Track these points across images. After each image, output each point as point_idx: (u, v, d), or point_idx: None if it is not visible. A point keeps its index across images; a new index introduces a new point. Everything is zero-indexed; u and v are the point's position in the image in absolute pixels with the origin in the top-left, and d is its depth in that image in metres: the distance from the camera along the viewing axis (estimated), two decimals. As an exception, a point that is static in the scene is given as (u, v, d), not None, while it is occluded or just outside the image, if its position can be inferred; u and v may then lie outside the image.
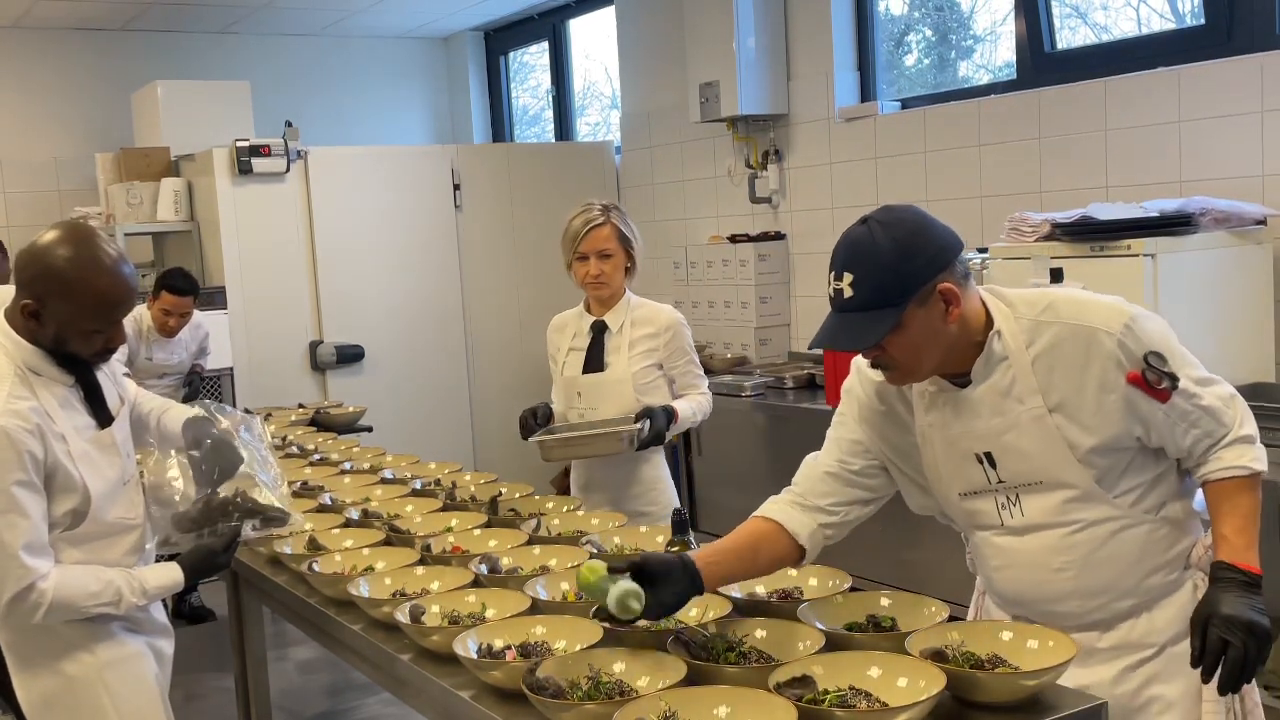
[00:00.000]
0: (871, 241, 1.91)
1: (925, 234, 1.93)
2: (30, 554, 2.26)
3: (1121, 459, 1.99)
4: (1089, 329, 1.94)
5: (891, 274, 1.89)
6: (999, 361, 1.99)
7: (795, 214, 5.97)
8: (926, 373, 2.01)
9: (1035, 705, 1.83)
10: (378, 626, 2.41)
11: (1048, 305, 1.99)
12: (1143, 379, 1.93)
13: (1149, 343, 1.94)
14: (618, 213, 3.45)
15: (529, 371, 7.26)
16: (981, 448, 2.03)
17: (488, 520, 2.98)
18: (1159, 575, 2.04)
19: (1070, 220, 3.88)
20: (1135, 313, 1.97)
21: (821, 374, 5.17)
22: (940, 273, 1.91)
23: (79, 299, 2.28)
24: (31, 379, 2.32)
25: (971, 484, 2.07)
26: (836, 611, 2.14)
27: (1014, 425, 1.99)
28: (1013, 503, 2.04)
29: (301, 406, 5.53)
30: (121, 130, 7.41)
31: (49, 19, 7.28)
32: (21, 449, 2.23)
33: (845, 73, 5.71)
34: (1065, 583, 2.03)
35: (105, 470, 2.40)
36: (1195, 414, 1.96)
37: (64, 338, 2.32)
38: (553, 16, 8.04)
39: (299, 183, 6.60)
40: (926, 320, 1.91)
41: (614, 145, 7.45)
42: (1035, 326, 1.98)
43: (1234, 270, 3.89)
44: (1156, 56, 4.43)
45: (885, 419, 2.15)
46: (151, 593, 2.45)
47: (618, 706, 1.76)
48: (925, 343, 1.94)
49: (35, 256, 2.30)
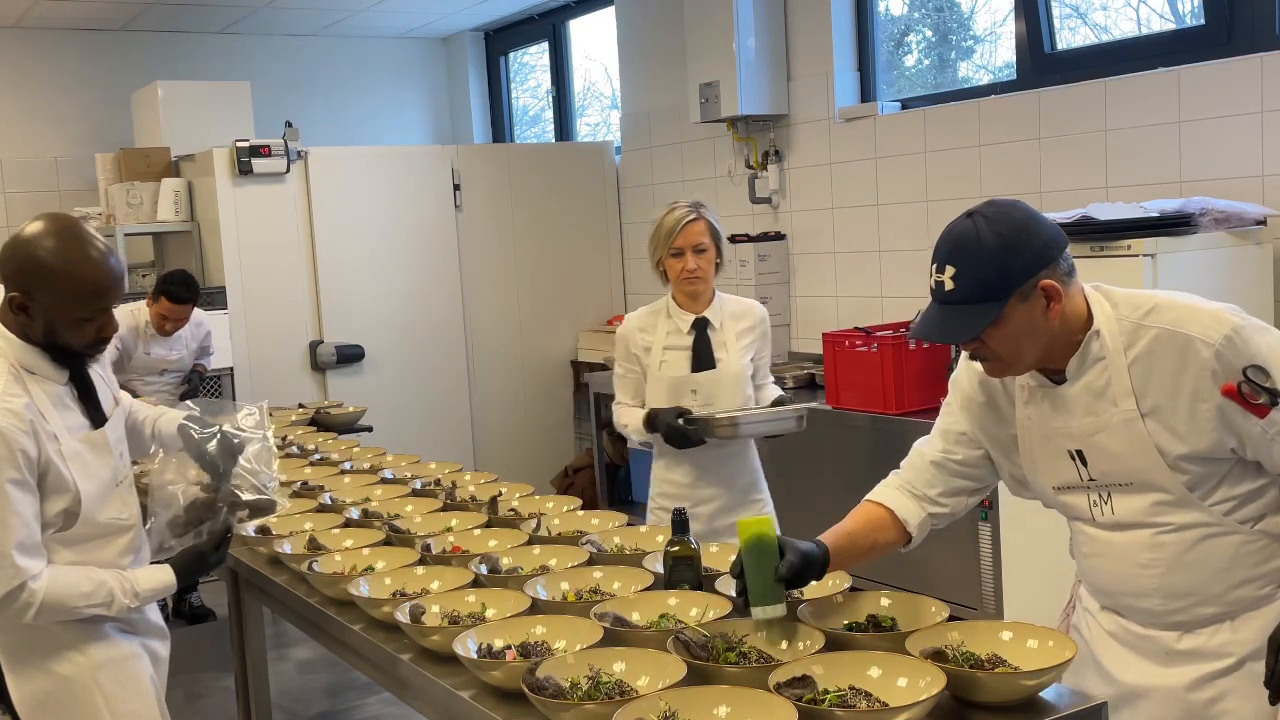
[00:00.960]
0: (976, 236, 1.91)
1: (1030, 230, 1.92)
2: (22, 553, 2.25)
3: (1217, 468, 1.96)
4: (1186, 336, 1.92)
5: (994, 269, 1.89)
6: (1095, 361, 1.99)
7: (795, 214, 5.97)
8: (1026, 366, 2.02)
9: (1035, 705, 1.83)
10: (378, 626, 2.41)
11: (1152, 309, 1.97)
12: (1238, 391, 1.89)
13: (1251, 355, 1.89)
14: (706, 209, 3.47)
15: (529, 371, 7.27)
16: (1074, 445, 2.03)
17: (488, 520, 2.98)
18: (1249, 587, 2.00)
19: (1070, 220, 3.88)
20: (1241, 323, 1.92)
21: (821, 374, 5.17)
22: (1043, 269, 1.91)
23: (66, 288, 2.27)
24: (25, 377, 2.31)
25: (1065, 479, 2.08)
26: (836, 611, 2.14)
27: (1105, 426, 1.99)
28: (1104, 500, 2.05)
29: (301, 406, 5.53)
30: (121, 130, 7.41)
31: (49, 19, 7.28)
32: (15, 447, 2.22)
33: (845, 73, 5.71)
34: (1150, 580, 2.03)
35: (98, 470, 2.39)
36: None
37: (54, 329, 2.31)
38: (553, 17, 8.04)
39: (299, 183, 6.61)
40: (1027, 315, 1.92)
41: (614, 145, 7.45)
42: (1136, 329, 1.97)
43: (1234, 270, 3.89)
44: (1156, 57, 4.43)
45: (987, 410, 2.17)
46: (144, 595, 2.43)
47: (618, 706, 1.76)
48: (1025, 337, 1.94)
49: (19, 248, 2.29)
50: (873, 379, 4.60)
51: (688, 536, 2.37)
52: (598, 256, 7.35)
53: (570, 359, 7.32)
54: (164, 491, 2.55)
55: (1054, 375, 2.04)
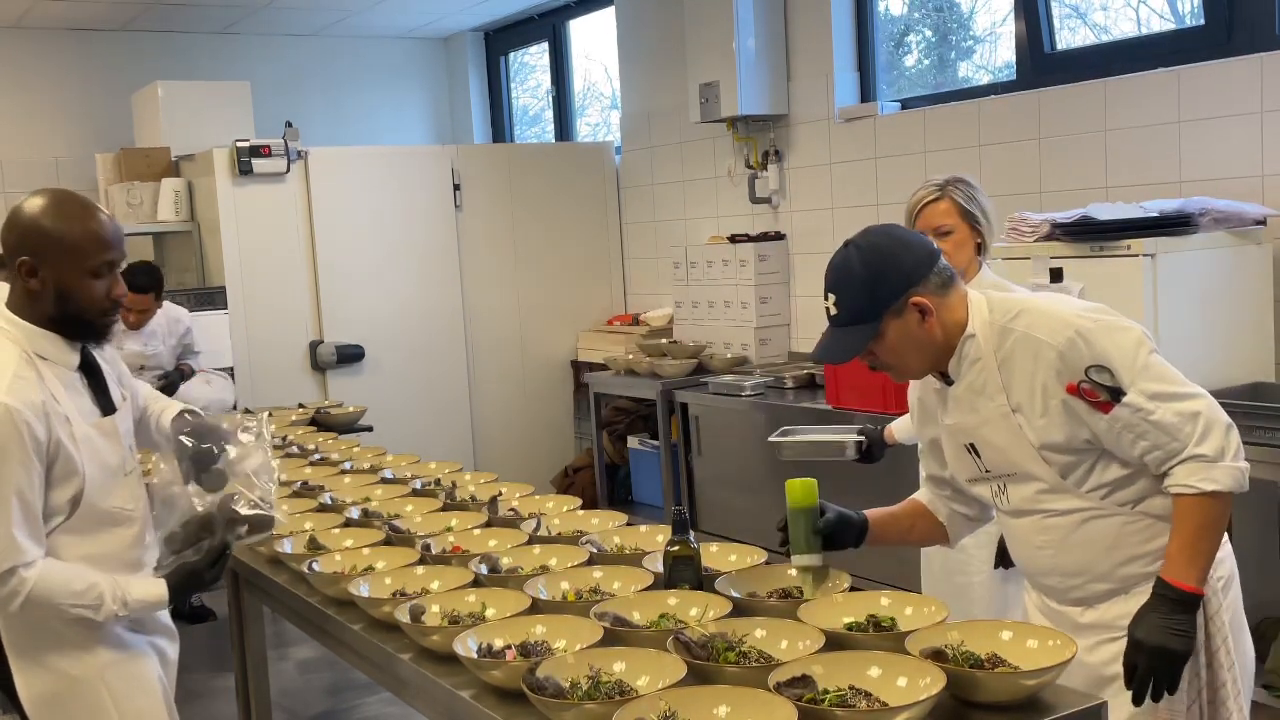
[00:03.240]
0: (848, 265, 2.16)
1: (896, 256, 2.14)
2: (25, 534, 2.23)
3: (1082, 458, 2.13)
4: (1036, 339, 2.11)
5: (865, 294, 2.13)
6: (973, 362, 2.18)
7: (795, 214, 5.97)
8: (920, 371, 2.24)
9: (1035, 705, 1.83)
10: (378, 626, 2.41)
11: (1018, 313, 2.15)
12: (1079, 390, 2.06)
13: (1094, 356, 2.06)
14: (960, 186, 3.17)
15: (529, 371, 7.27)
16: (967, 440, 2.24)
17: (488, 520, 2.98)
18: (1137, 564, 2.16)
19: (1070, 220, 3.88)
20: (1091, 326, 2.08)
21: (821, 374, 5.17)
22: (912, 288, 2.12)
23: (71, 241, 2.30)
24: (37, 362, 2.32)
25: (970, 472, 2.29)
26: (836, 611, 2.14)
27: (987, 421, 2.19)
28: (1001, 490, 2.25)
29: (301, 406, 5.53)
30: (121, 130, 7.41)
31: (49, 19, 7.28)
32: (25, 430, 2.22)
33: (845, 73, 5.71)
34: (1046, 560, 2.24)
35: (106, 456, 2.38)
36: (1142, 427, 2.05)
37: (66, 293, 2.32)
38: (553, 17, 8.04)
39: (299, 183, 6.60)
40: (903, 329, 2.14)
41: (614, 145, 7.45)
42: (1003, 332, 2.15)
43: (1234, 270, 3.90)
44: (1156, 57, 4.43)
45: (923, 416, 2.39)
46: (133, 605, 2.37)
47: (618, 706, 1.76)
48: (907, 348, 2.16)
49: (20, 216, 2.33)
50: (872, 379, 4.60)
51: (687, 536, 2.37)
52: (598, 256, 7.35)
53: (570, 359, 7.32)
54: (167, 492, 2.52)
55: (946, 376, 2.24)
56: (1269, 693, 3.66)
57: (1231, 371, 3.88)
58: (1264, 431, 3.52)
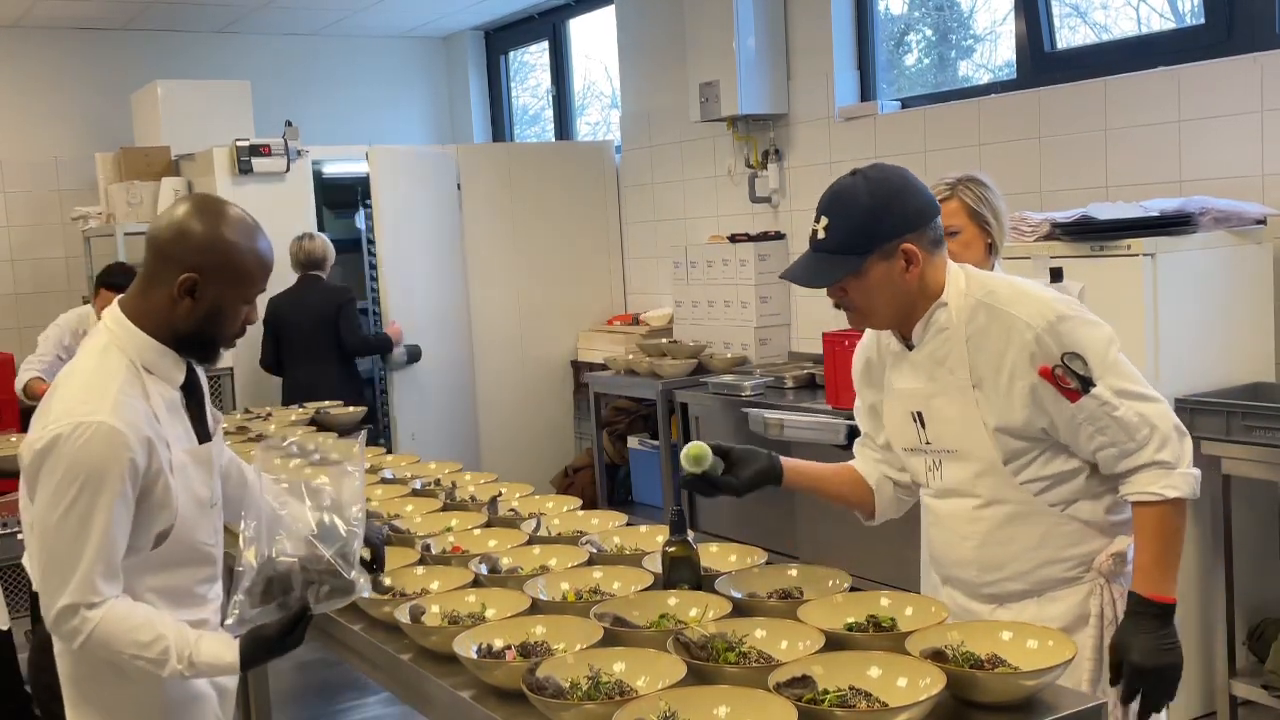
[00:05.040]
0: (853, 192, 2.10)
1: (903, 195, 2.10)
2: (100, 573, 2.04)
3: (1031, 446, 2.14)
4: (1014, 317, 2.10)
5: (862, 224, 2.07)
6: (939, 331, 2.17)
7: (795, 213, 5.97)
8: (883, 321, 2.21)
9: (1035, 705, 1.83)
10: (378, 626, 2.41)
11: (993, 290, 2.16)
12: (1051, 374, 2.06)
13: (1071, 344, 2.06)
14: (970, 185, 3.14)
15: (529, 371, 7.27)
16: (915, 407, 2.23)
17: (488, 520, 2.98)
18: (1057, 568, 2.19)
19: (1070, 220, 3.88)
20: (1070, 314, 2.10)
21: (821, 374, 5.17)
22: (909, 233, 2.09)
23: (245, 267, 2.15)
24: (144, 377, 2.14)
25: (909, 441, 2.28)
26: (836, 611, 2.14)
27: (943, 391, 2.18)
28: (937, 466, 2.24)
29: (301, 407, 5.52)
30: (121, 130, 7.41)
31: (49, 19, 7.28)
32: (125, 455, 2.03)
33: (845, 72, 5.71)
34: (968, 550, 2.23)
35: (197, 488, 2.21)
36: (1104, 421, 2.07)
37: (216, 314, 2.16)
38: (553, 16, 8.04)
39: (299, 183, 6.60)
40: (886, 273, 2.10)
41: (614, 145, 7.45)
42: (977, 306, 2.14)
43: (1234, 270, 3.89)
44: (1156, 56, 4.43)
45: (867, 376, 2.38)
46: (200, 667, 2.12)
47: (618, 706, 1.76)
48: (882, 293, 2.12)
49: (192, 230, 2.12)
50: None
51: (686, 537, 2.37)
52: (598, 256, 7.35)
53: (570, 359, 7.32)
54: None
55: (908, 340, 2.23)
56: (1269, 693, 3.66)
57: (1231, 371, 3.88)
58: (1264, 431, 3.52)
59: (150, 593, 2.19)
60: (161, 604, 2.19)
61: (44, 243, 7.56)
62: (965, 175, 3.20)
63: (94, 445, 2.02)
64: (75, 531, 2.03)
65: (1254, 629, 3.87)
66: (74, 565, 2.04)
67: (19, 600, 4.92)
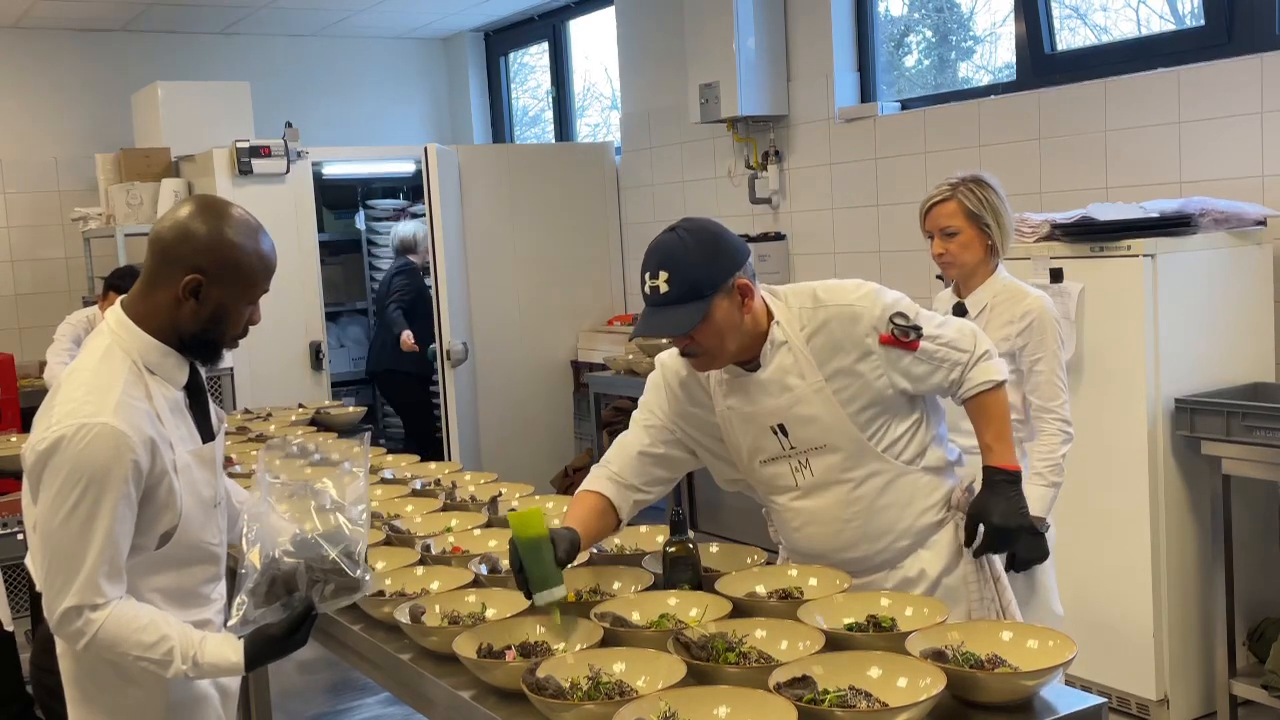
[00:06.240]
0: (683, 245, 2.27)
1: (724, 238, 2.31)
2: (103, 574, 2.04)
3: (882, 412, 2.36)
4: (849, 307, 2.34)
5: (701, 270, 2.25)
6: (780, 346, 2.35)
7: (795, 214, 5.97)
8: (726, 359, 2.35)
9: (1035, 705, 1.83)
10: (378, 626, 2.42)
11: (812, 294, 2.38)
12: (893, 337, 2.31)
13: (889, 307, 2.33)
14: (971, 187, 3.13)
15: (529, 371, 7.27)
16: (775, 421, 2.37)
17: (488, 520, 2.98)
18: (928, 515, 2.43)
19: (1070, 221, 3.89)
20: (875, 288, 2.37)
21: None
22: (737, 270, 2.29)
23: (249, 267, 2.14)
24: (147, 378, 2.14)
25: (769, 452, 2.41)
26: (836, 611, 2.14)
27: (800, 399, 2.34)
28: (804, 465, 2.39)
29: (301, 406, 5.52)
30: (121, 131, 7.41)
31: (49, 19, 7.28)
32: (128, 457, 2.03)
33: (845, 73, 5.71)
34: (854, 531, 2.40)
35: (201, 488, 2.22)
36: (942, 352, 2.36)
37: (220, 315, 2.15)
38: (553, 17, 8.04)
39: (299, 183, 6.61)
40: (728, 311, 2.28)
41: (614, 146, 7.45)
42: (811, 313, 2.35)
43: (1234, 270, 3.90)
44: (1156, 57, 4.43)
45: (688, 406, 2.50)
46: (204, 668, 2.12)
47: (618, 706, 1.76)
48: (727, 331, 2.28)
49: (195, 231, 2.12)
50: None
51: (686, 537, 2.37)
52: (598, 256, 7.35)
53: (570, 359, 7.32)
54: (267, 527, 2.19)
55: (748, 365, 2.37)
56: (1269, 693, 3.66)
57: (1231, 371, 3.89)
58: (1264, 431, 3.52)
59: (154, 593, 2.19)
60: (165, 604, 2.19)
61: (44, 243, 7.56)
62: (970, 175, 3.21)
63: (97, 447, 2.01)
64: (79, 533, 2.03)
65: (1254, 629, 3.87)
66: (78, 567, 2.04)
67: (20, 600, 4.92)
